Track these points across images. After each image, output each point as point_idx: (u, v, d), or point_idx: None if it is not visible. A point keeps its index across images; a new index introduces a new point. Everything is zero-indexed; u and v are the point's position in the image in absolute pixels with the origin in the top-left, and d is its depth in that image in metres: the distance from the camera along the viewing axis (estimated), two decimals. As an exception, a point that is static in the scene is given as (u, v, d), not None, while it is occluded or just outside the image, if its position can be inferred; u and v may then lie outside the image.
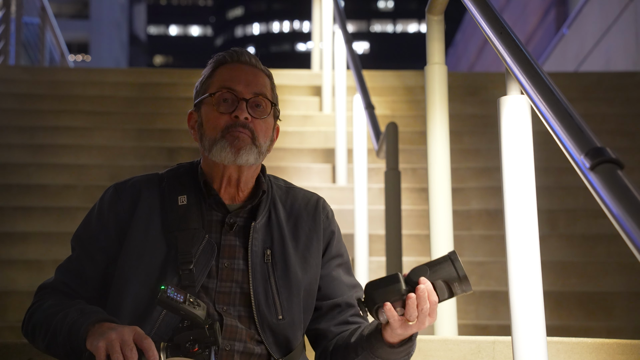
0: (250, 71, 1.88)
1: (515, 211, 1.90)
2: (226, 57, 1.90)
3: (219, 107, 1.84)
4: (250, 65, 1.89)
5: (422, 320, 1.67)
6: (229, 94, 1.84)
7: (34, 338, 1.80)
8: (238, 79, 1.86)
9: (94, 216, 1.89)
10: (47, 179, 5.19)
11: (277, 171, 5.02)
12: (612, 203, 1.31)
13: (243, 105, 1.83)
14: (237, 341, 1.79)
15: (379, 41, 63.91)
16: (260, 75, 1.90)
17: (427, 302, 1.66)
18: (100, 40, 38.82)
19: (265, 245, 1.86)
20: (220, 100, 1.85)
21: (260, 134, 1.84)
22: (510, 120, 1.95)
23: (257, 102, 1.86)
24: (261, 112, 1.86)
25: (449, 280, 1.69)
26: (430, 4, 2.85)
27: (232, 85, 1.85)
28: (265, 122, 1.86)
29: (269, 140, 1.88)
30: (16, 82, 6.86)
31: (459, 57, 20.91)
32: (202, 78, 1.92)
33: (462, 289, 1.69)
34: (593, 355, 2.30)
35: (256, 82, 1.87)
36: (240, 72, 1.88)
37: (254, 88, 1.86)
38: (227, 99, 1.84)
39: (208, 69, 1.91)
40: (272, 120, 1.90)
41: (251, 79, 1.87)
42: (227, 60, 1.90)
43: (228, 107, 1.84)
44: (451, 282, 1.69)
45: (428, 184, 2.78)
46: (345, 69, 5.50)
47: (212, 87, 1.87)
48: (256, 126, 1.84)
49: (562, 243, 4.51)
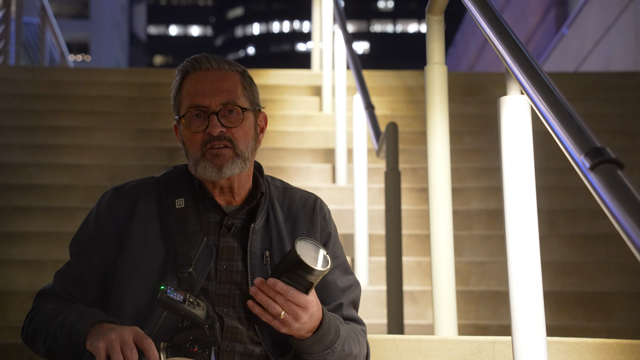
0: (214, 77, 1.84)
1: (515, 211, 1.90)
2: (188, 68, 1.86)
3: (191, 127, 1.82)
4: (212, 70, 1.85)
5: (272, 311, 1.69)
6: (198, 111, 1.82)
7: (34, 343, 1.80)
8: (203, 91, 1.82)
9: (91, 221, 1.89)
10: (47, 179, 5.19)
11: (277, 171, 5.03)
12: (612, 203, 1.31)
13: (214, 119, 1.80)
14: (238, 342, 1.79)
15: (379, 41, 63.91)
16: (227, 78, 1.85)
17: (269, 294, 1.69)
18: (100, 40, 38.83)
19: (264, 246, 1.85)
20: (191, 120, 1.83)
21: (240, 141, 1.82)
22: (510, 120, 1.95)
23: (228, 109, 1.82)
24: (235, 119, 1.83)
25: (288, 270, 1.68)
26: (430, 4, 2.85)
27: (198, 101, 1.82)
28: (241, 127, 1.83)
29: (252, 140, 1.85)
30: (16, 82, 6.86)
31: (459, 57, 20.90)
32: (172, 92, 1.89)
33: (308, 272, 1.67)
34: (593, 355, 2.30)
35: (222, 89, 1.83)
36: (204, 82, 1.83)
37: (220, 98, 1.82)
38: (198, 114, 1.82)
39: (175, 83, 1.88)
40: (251, 119, 1.86)
41: (216, 87, 1.83)
42: (189, 71, 1.86)
43: (200, 125, 1.82)
44: (292, 272, 1.68)
45: (428, 184, 2.78)
46: (345, 69, 5.50)
47: (182, 106, 1.85)
48: (234, 134, 1.82)
49: (562, 243, 4.51)
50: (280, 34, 65.50)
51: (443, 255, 2.70)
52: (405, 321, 3.60)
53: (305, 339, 1.75)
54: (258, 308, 1.71)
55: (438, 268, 2.70)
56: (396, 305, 3.28)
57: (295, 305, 1.69)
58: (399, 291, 3.31)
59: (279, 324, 1.71)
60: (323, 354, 1.77)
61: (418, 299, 4.02)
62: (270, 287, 1.69)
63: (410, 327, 3.78)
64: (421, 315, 3.99)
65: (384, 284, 3.89)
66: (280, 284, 1.68)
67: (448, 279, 2.69)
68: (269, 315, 1.70)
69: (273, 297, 1.69)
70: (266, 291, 1.69)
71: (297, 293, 1.69)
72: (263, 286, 1.70)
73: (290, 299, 1.68)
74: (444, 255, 2.70)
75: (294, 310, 1.69)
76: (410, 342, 2.32)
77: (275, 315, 1.69)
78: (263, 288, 1.70)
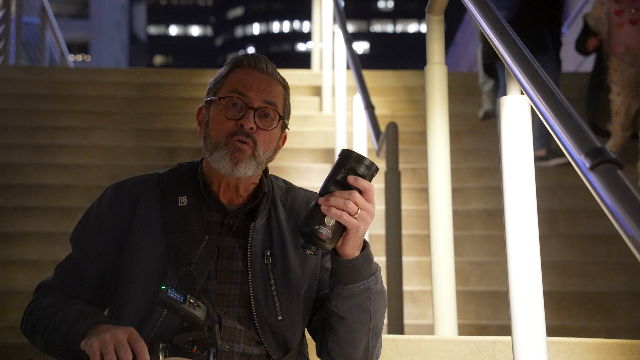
0: (264, 79, 1.85)
1: (515, 211, 1.90)
2: (244, 61, 1.87)
3: (226, 112, 1.82)
4: (266, 73, 1.86)
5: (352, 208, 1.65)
6: (239, 100, 1.82)
7: (32, 336, 1.80)
8: (251, 84, 1.83)
9: (92, 216, 1.88)
10: (47, 179, 5.19)
11: (277, 171, 5.03)
12: (612, 203, 1.31)
13: (250, 114, 1.80)
14: (236, 343, 1.78)
15: (379, 41, 63.93)
16: (275, 85, 1.86)
17: (342, 197, 1.65)
18: (100, 40, 38.83)
19: (265, 245, 1.85)
20: (229, 105, 1.82)
21: (262, 145, 1.81)
22: (510, 120, 1.95)
23: (265, 112, 1.82)
24: (268, 123, 1.83)
25: (350, 174, 1.67)
26: (430, 4, 2.85)
27: (244, 90, 1.82)
28: (270, 133, 1.83)
29: (271, 151, 1.85)
30: (16, 82, 6.86)
31: (459, 57, 20.90)
32: (217, 76, 1.89)
33: (365, 167, 1.67)
34: (593, 355, 2.30)
35: (269, 91, 1.84)
36: (254, 78, 1.84)
37: (265, 96, 1.83)
38: (236, 104, 1.82)
39: (224, 69, 1.89)
40: (279, 132, 1.87)
41: (264, 87, 1.83)
42: (244, 64, 1.86)
43: (235, 113, 1.81)
44: (352, 172, 1.67)
45: (428, 184, 2.78)
46: (345, 69, 5.50)
47: (223, 89, 1.85)
48: (259, 136, 1.81)
49: (562, 243, 4.51)
50: (280, 34, 65.53)
51: (443, 255, 2.70)
52: (405, 321, 3.61)
53: (356, 257, 1.72)
54: (334, 209, 1.65)
55: (438, 268, 2.70)
56: (396, 305, 3.28)
57: (364, 200, 1.67)
58: (399, 291, 3.31)
59: (357, 222, 1.66)
60: (369, 282, 1.76)
61: (418, 299, 4.02)
62: (339, 195, 1.66)
63: (410, 327, 3.78)
64: (421, 315, 3.99)
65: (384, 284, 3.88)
66: (345, 192, 1.66)
67: (448, 279, 2.69)
68: (346, 214, 1.65)
69: (348, 196, 1.66)
70: (339, 195, 1.66)
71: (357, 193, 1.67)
72: (334, 194, 1.66)
73: (359, 197, 1.66)
74: (444, 255, 2.70)
75: (367, 206, 1.67)
76: (410, 342, 2.32)
77: (352, 213, 1.65)
78: (335, 195, 1.66)
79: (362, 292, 1.75)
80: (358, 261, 1.73)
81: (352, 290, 1.75)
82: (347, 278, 1.74)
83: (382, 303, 1.81)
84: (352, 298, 1.76)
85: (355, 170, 1.67)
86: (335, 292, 1.77)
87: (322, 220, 1.67)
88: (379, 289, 1.79)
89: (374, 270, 1.77)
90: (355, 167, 1.67)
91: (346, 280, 1.75)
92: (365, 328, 1.79)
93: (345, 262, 1.73)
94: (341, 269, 1.74)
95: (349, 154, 1.68)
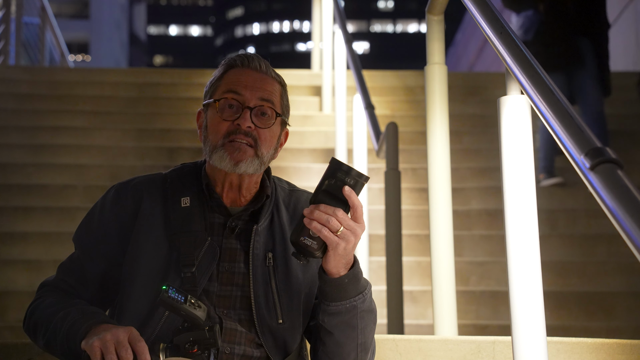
0: (259, 77, 1.84)
1: (515, 211, 1.90)
2: (237, 61, 1.86)
3: (222, 114, 1.81)
4: (260, 72, 1.85)
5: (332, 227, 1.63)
6: (234, 100, 1.81)
7: (34, 335, 1.80)
8: (245, 83, 1.82)
9: (95, 217, 1.88)
10: (47, 179, 5.19)
11: (277, 171, 5.03)
12: (612, 203, 1.31)
13: (247, 113, 1.80)
14: (236, 344, 1.78)
15: (379, 41, 63.92)
16: (270, 82, 1.85)
17: (326, 212, 1.63)
18: (100, 40, 38.81)
19: (267, 248, 1.84)
20: (225, 106, 1.81)
21: (264, 143, 1.81)
22: (510, 120, 1.95)
23: (262, 111, 1.82)
24: (266, 120, 1.82)
25: (339, 184, 1.65)
26: (430, 4, 2.85)
27: (238, 89, 1.82)
28: (270, 130, 1.83)
29: (273, 149, 1.85)
30: (16, 82, 6.86)
31: (459, 57, 20.89)
32: (212, 79, 1.89)
33: (355, 180, 1.65)
34: (593, 355, 2.30)
35: (264, 88, 1.83)
36: (248, 77, 1.84)
37: (261, 94, 1.82)
38: (232, 105, 1.81)
39: (218, 71, 1.88)
40: (278, 129, 1.86)
41: (259, 85, 1.83)
42: (238, 65, 1.86)
43: (232, 114, 1.81)
44: (340, 185, 1.65)
45: (428, 184, 2.78)
46: (345, 69, 5.50)
47: (218, 91, 1.84)
48: (260, 135, 1.81)
49: (562, 243, 4.51)
50: (280, 34, 65.51)
51: (443, 255, 2.70)
52: (405, 321, 3.60)
53: (342, 275, 1.70)
54: (315, 223, 1.64)
55: (438, 268, 2.69)
56: (396, 305, 3.28)
57: (350, 220, 1.65)
58: (399, 291, 3.31)
59: (337, 240, 1.64)
60: (355, 300, 1.74)
61: (418, 299, 4.02)
62: (323, 210, 1.64)
63: (410, 327, 3.78)
64: (421, 315, 4.00)
65: (384, 284, 3.88)
66: (330, 207, 1.64)
67: (448, 279, 2.69)
68: (327, 230, 1.64)
69: (331, 213, 1.64)
70: (323, 210, 1.64)
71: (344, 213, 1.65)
72: (318, 207, 1.65)
73: (343, 216, 1.64)
74: (444, 255, 2.70)
75: (351, 225, 1.65)
76: (410, 342, 2.32)
77: (334, 230, 1.64)
78: (319, 208, 1.65)
79: (348, 310, 1.74)
80: (344, 280, 1.71)
81: (337, 307, 1.74)
82: (332, 295, 1.73)
83: (370, 320, 1.79)
84: (337, 315, 1.75)
85: (343, 181, 1.65)
86: (321, 307, 1.76)
87: (308, 232, 1.66)
88: (367, 307, 1.77)
89: (361, 288, 1.75)
90: (344, 178, 1.65)
91: (332, 297, 1.74)
92: (353, 344, 1.78)
93: (330, 280, 1.72)
94: (327, 287, 1.73)
95: (337, 164, 1.66)
